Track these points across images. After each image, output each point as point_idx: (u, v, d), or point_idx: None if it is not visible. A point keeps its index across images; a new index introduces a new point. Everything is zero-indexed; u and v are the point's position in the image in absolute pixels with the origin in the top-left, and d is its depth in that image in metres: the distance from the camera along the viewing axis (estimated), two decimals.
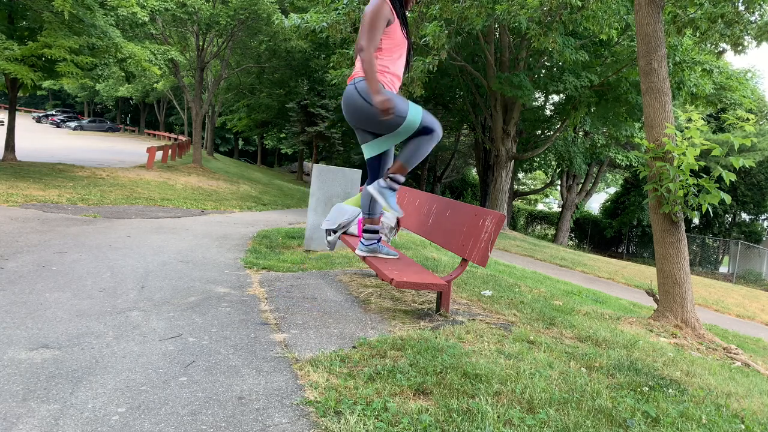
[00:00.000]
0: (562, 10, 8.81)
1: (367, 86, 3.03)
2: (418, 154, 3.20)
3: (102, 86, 44.14)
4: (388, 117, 2.98)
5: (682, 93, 15.75)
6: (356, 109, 3.12)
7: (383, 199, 3.22)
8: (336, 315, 3.30)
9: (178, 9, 17.28)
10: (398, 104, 3.09)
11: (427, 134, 3.19)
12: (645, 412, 2.14)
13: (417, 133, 3.19)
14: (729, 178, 4.10)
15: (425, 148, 3.20)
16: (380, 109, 2.93)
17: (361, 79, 3.10)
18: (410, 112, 3.11)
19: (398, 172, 3.24)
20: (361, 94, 3.08)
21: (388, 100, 2.93)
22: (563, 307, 4.62)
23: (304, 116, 28.40)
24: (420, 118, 3.13)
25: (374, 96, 2.95)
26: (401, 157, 3.21)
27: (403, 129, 3.15)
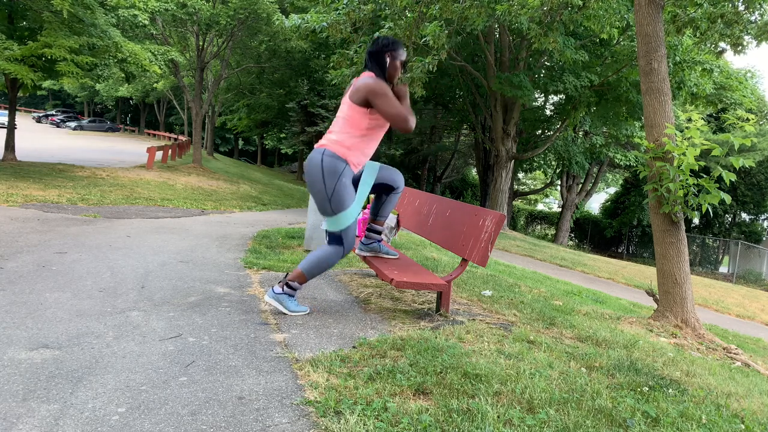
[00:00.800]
0: (562, 10, 8.81)
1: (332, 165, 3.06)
2: (320, 266, 3.17)
3: (102, 86, 44.15)
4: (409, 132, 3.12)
5: (683, 93, 15.74)
6: (312, 176, 3.11)
7: (281, 305, 3.21)
8: (336, 315, 3.30)
9: (179, 10, 17.28)
10: (341, 201, 3.09)
11: (335, 244, 3.17)
12: (645, 412, 2.14)
13: (332, 238, 3.17)
14: (729, 178, 4.10)
15: (329, 262, 3.18)
16: (410, 130, 3.08)
17: (332, 153, 3.08)
18: (342, 215, 3.11)
19: (297, 280, 3.20)
20: (323, 168, 3.07)
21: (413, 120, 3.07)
22: (563, 307, 4.62)
23: (304, 116, 28.40)
24: (344, 227, 3.13)
25: (411, 118, 3.08)
26: (302, 266, 3.18)
27: (327, 218, 3.16)
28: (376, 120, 3.13)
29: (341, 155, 3.10)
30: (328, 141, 3.16)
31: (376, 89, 3.02)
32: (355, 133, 3.13)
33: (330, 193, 3.08)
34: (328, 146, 3.13)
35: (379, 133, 3.23)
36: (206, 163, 24.78)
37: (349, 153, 3.12)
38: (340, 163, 3.08)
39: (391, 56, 3.18)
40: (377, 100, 3.02)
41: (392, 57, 3.19)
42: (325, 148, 3.13)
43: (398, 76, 3.25)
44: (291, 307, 3.22)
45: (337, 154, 3.09)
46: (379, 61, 3.17)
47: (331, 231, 3.18)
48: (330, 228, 3.18)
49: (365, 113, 3.10)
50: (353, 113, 3.11)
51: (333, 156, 3.08)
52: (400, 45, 3.24)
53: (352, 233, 3.18)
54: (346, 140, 3.12)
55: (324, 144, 3.16)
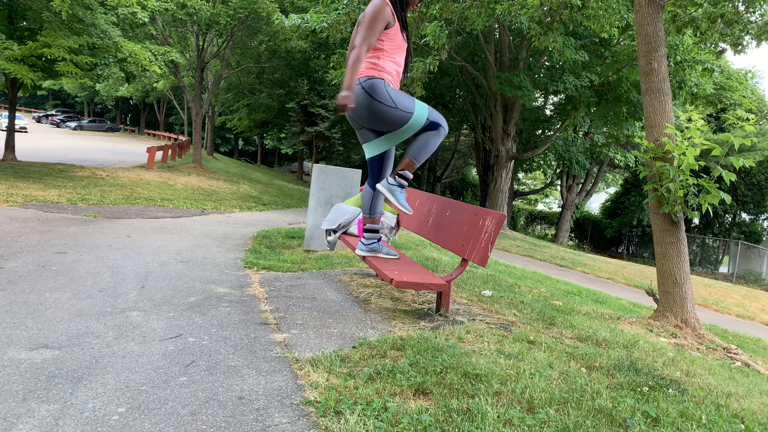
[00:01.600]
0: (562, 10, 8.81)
1: (374, 85, 3.07)
2: (426, 149, 3.23)
3: (102, 86, 44.14)
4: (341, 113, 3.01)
5: (683, 93, 15.74)
6: (365, 108, 3.13)
7: (393, 196, 3.24)
8: (336, 315, 3.30)
9: (178, 10, 17.28)
10: (404, 101, 3.13)
11: (433, 129, 3.22)
12: (645, 412, 2.13)
13: (423, 129, 3.21)
14: (729, 178, 4.10)
15: (433, 143, 3.23)
16: (337, 104, 2.95)
17: (367, 78, 3.13)
18: (416, 109, 3.15)
19: (406, 169, 3.26)
20: (368, 92, 3.10)
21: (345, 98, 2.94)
22: (563, 307, 4.62)
23: (304, 116, 28.40)
24: (426, 114, 3.18)
25: (343, 91, 2.95)
26: (409, 153, 3.23)
27: (409, 126, 3.18)
28: (389, 39, 3.17)
29: (375, 75, 3.15)
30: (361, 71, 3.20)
31: (365, 17, 3.07)
32: (376, 56, 3.17)
33: (393, 102, 3.11)
34: (360, 75, 3.17)
35: (400, 52, 3.26)
36: (206, 163, 24.78)
37: (382, 72, 3.16)
38: (377, 80, 3.13)
39: None
40: (361, 25, 3.08)
41: None
42: (358, 78, 3.16)
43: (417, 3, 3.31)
44: (402, 201, 3.25)
45: (371, 76, 3.14)
46: None
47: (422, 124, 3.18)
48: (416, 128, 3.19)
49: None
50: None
51: (368, 78, 3.13)
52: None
53: (435, 113, 3.22)
54: (372, 64, 3.17)
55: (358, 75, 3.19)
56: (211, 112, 32.61)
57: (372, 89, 3.10)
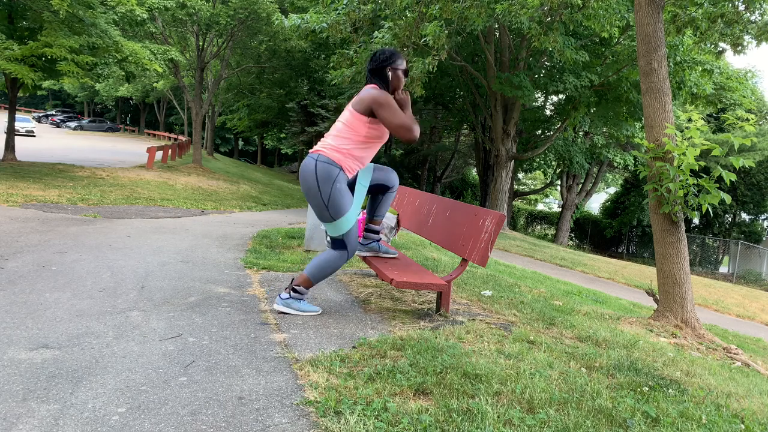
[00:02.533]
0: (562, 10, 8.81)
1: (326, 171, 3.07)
2: (325, 270, 3.19)
3: (102, 86, 44.15)
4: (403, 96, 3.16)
5: (683, 93, 15.74)
6: (306, 182, 3.12)
7: (292, 309, 3.23)
8: (336, 315, 3.30)
9: (178, 10, 17.27)
10: (339, 206, 3.09)
11: (339, 249, 3.19)
12: (645, 412, 2.13)
13: (335, 243, 3.19)
14: (729, 178, 4.10)
15: (333, 266, 3.20)
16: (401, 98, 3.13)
17: (326, 159, 3.09)
18: (341, 220, 3.12)
19: (303, 284, 3.23)
20: (317, 174, 3.07)
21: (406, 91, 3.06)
22: (563, 307, 4.62)
23: (304, 116, 28.40)
24: (343, 231, 3.14)
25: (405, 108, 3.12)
26: (308, 270, 3.20)
27: (326, 225, 3.17)
28: (375, 130, 3.14)
29: (335, 160, 3.10)
30: (323, 146, 3.17)
31: (380, 100, 3.03)
32: (354, 139, 3.13)
33: (327, 200, 3.08)
34: (322, 152, 3.13)
35: (377, 144, 3.24)
36: (206, 163, 24.78)
37: (344, 159, 3.12)
38: (333, 168, 3.08)
39: (392, 69, 3.20)
40: (381, 110, 3.03)
41: (393, 69, 3.21)
42: (319, 153, 3.13)
43: (402, 86, 3.29)
44: (302, 307, 3.24)
45: (331, 159, 3.10)
46: (381, 76, 3.20)
47: (333, 237, 3.18)
48: (331, 233, 3.19)
49: (366, 122, 3.10)
50: (354, 120, 3.12)
51: (327, 161, 3.09)
52: (398, 56, 3.24)
53: (354, 237, 3.19)
54: (342, 146, 3.13)
55: (318, 149, 3.16)
56: (211, 112, 32.61)
57: (321, 174, 3.07)
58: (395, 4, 10.84)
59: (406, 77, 3.31)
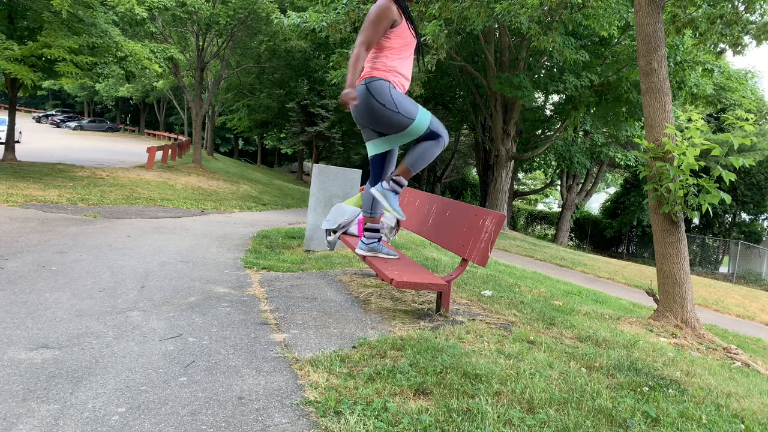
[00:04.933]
0: (562, 10, 8.81)
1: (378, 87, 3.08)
2: (423, 158, 3.23)
3: (102, 86, 44.13)
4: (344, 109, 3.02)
5: (683, 93, 15.73)
6: (367, 108, 3.14)
7: (386, 201, 3.25)
8: (336, 315, 3.30)
9: (178, 8, 17.27)
10: (407, 106, 3.13)
11: (433, 139, 3.22)
12: (645, 412, 2.13)
13: (424, 137, 3.21)
14: (729, 178, 4.10)
15: (431, 152, 3.23)
16: (341, 100, 2.96)
17: (372, 78, 3.13)
18: (418, 115, 3.15)
19: (402, 175, 3.27)
20: (372, 93, 3.11)
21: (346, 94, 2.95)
22: (563, 307, 4.61)
23: (304, 116, 28.39)
24: (428, 123, 3.18)
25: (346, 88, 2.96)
26: (406, 161, 3.24)
27: (409, 131, 3.18)
28: (395, 38, 3.17)
29: (380, 76, 3.15)
30: (365, 72, 3.22)
31: (369, 13, 3.08)
32: (381, 55, 3.17)
33: (395, 106, 3.10)
34: (366, 75, 3.18)
35: (407, 50, 3.25)
36: (206, 163, 24.78)
37: (387, 74, 3.16)
38: (382, 82, 3.13)
39: None
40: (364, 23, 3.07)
41: None
42: (363, 78, 3.18)
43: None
44: (395, 206, 3.26)
45: (376, 77, 3.14)
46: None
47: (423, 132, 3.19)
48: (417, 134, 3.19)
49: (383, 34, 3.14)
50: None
51: (373, 79, 3.13)
52: None
53: (437, 123, 3.22)
54: (378, 64, 3.17)
55: (362, 77, 3.21)
56: (211, 112, 32.61)
57: (376, 90, 3.10)
58: None
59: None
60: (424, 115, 3.17)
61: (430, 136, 3.21)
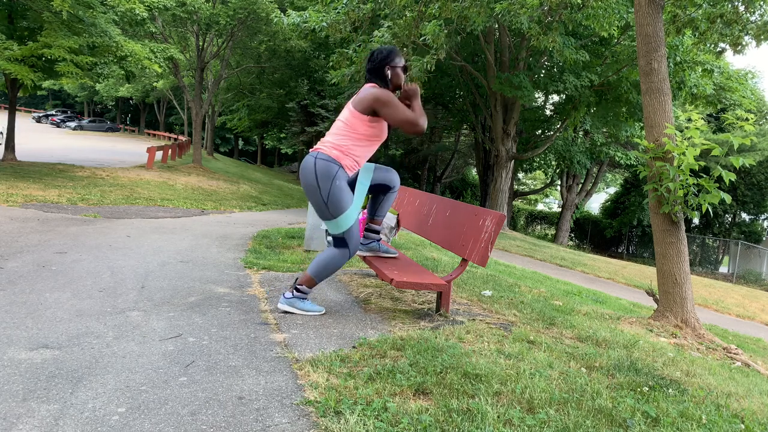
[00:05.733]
0: (562, 10, 8.81)
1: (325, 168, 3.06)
2: (328, 269, 3.19)
3: (102, 86, 44.14)
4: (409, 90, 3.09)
5: (683, 93, 15.74)
6: (306, 180, 3.12)
7: (295, 308, 3.23)
8: (336, 315, 3.30)
9: (178, 8, 17.26)
10: (339, 203, 3.08)
11: (339, 248, 3.18)
12: (645, 412, 2.13)
13: (336, 241, 3.18)
14: (729, 177, 4.10)
15: (335, 263, 3.19)
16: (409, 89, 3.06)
17: (325, 157, 3.09)
18: (342, 217, 3.11)
19: (306, 284, 3.24)
20: (317, 172, 3.07)
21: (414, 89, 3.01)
22: (563, 307, 4.62)
23: (304, 116, 28.40)
24: (345, 228, 3.13)
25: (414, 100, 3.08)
26: (311, 270, 3.20)
27: (327, 222, 3.16)
28: (375, 128, 3.14)
29: (334, 158, 3.10)
30: (322, 144, 3.18)
31: (382, 98, 3.03)
32: (353, 137, 3.13)
33: (326, 197, 3.08)
34: (322, 150, 3.14)
35: (376, 143, 3.24)
36: (206, 163, 24.78)
37: (343, 157, 3.12)
38: (333, 165, 3.08)
39: (390, 68, 3.19)
40: (385, 108, 3.03)
41: (392, 68, 3.20)
42: (318, 151, 3.14)
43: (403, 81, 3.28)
44: (305, 307, 3.24)
45: (330, 157, 3.10)
46: (380, 76, 3.19)
47: (334, 234, 3.18)
48: (332, 231, 3.18)
49: (365, 121, 3.10)
50: (354, 119, 3.12)
51: (326, 159, 3.09)
52: (396, 53, 3.23)
53: (355, 235, 3.18)
54: (341, 143, 3.13)
55: (318, 148, 3.17)
56: (211, 112, 32.61)
57: (321, 170, 3.07)
58: (395, 3, 10.84)
59: (405, 74, 3.31)
60: (346, 220, 3.11)
61: (340, 243, 3.17)
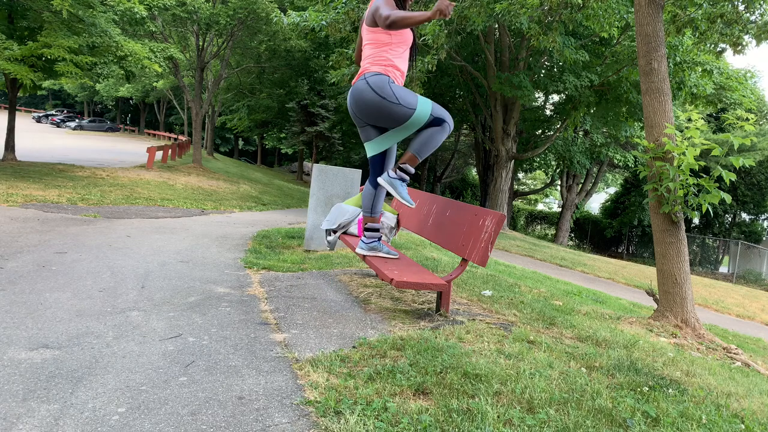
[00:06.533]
0: (562, 10, 8.81)
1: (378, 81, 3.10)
2: (430, 144, 3.23)
3: (102, 86, 44.13)
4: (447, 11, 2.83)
5: (683, 93, 15.73)
6: (368, 103, 3.16)
7: (394, 190, 3.25)
8: (336, 315, 3.30)
9: (178, 8, 17.26)
10: (407, 97, 3.15)
11: (438, 125, 3.23)
12: (645, 412, 2.13)
13: (427, 124, 3.22)
14: (729, 177, 4.10)
15: (437, 138, 3.24)
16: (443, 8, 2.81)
17: (372, 73, 3.16)
18: (419, 105, 3.17)
19: (408, 163, 3.27)
20: (373, 88, 3.13)
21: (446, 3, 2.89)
22: (563, 307, 4.61)
23: (304, 116, 28.39)
24: (429, 110, 3.19)
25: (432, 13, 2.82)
26: (412, 147, 3.24)
27: (411, 122, 3.19)
28: (397, 35, 3.21)
29: (381, 71, 3.18)
30: (363, 68, 3.25)
31: (378, 3, 3.09)
32: (383, 50, 3.21)
33: (396, 99, 3.12)
34: (365, 70, 3.22)
35: (404, 47, 3.29)
36: (206, 163, 24.78)
37: (387, 69, 3.20)
38: (382, 76, 3.16)
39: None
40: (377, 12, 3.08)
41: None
42: (363, 74, 3.21)
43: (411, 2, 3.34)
44: (404, 194, 3.25)
45: (376, 72, 3.18)
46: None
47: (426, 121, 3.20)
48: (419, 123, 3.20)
49: (383, 31, 3.18)
50: (373, 34, 3.22)
51: (374, 74, 3.17)
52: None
53: (440, 109, 3.23)
54: (378, 59, 3.21)
55: (361, 72, 3.24)
56: (211, 112, 32.61)
57: (376, 85, 3.13)
58: None
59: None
60: (424, 104, 3.18)
61: (434, 123, 3.22)
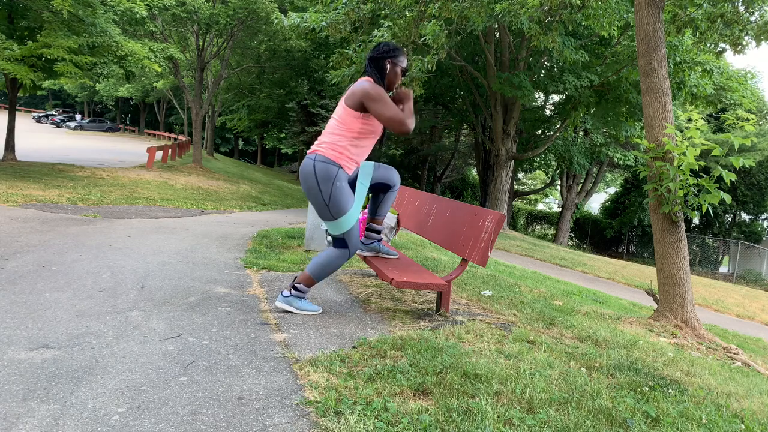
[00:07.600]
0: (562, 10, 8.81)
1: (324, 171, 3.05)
2: (326, 269, 3.19)
3: (102, 86, 44.14)
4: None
5: (683, 93, 15.74)
6: (308, 183, 3.11)
7: (293, 307, 3.23)
8: (336, 315, 3.30)
9: (178, 8, 17.25)
10: (339, 204, 3.08)
11: (340, 248, 3.18)
12: (645, 412, 2.13)
13: (336, 242, 3.18)
14: (729, 178, 4.10)
15: (334, 264, 3.19)
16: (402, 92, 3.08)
17: (323, 158, 3.07)
18: (344, 218, 3.11)
19: (304, 283, 3.23)
20: (317, 175, 3.06)
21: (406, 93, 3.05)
22: (563, 307, 4.62)
23: (304, 116, 28.40)
24: (345, 229, 3.13)
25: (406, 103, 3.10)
26: (309, 269, 3.20)
27: (329, 223, 3.15)
28: (368, 125, 3.11)
29: (333, 158, 3.08)
30: (319, 146, 3.15)
31: (372, 93, 3.00)
32: (348, 135, 3.10)
33: (328, 199, 3.07)
34: (319, 151, 3.12)
35: (371, 139, 3.21)
36: (206, 163, 24.78)
37: (341, 157, 3.10)
38: (332, 167, 3.07)
39: (391, 63, 3.17)
40: (372, 104, 3.00)
41: (393, 64, 3.17)
42: (316, 153, 3.12)
43: (398, 84, 3.24)
44: (303, 306, 3.24)
45: (328, 158, 3.08)
46: (378, 66, 3.16)
47: (335, 235, 3.18)
48: (333, 232, 3.18)
49: (358, 117, 3.07)
50: (346, 116, 3.09)
51: (325, 161, 3.07)
52: (401, 52, 3.22)
53: (355, 236, 3.18)
54: (337, 143, 3.11)
55: (315, 149, 3.15)
56: (211, 112, 32.61)
57: (321, 175, 3.06)
58: (395, 3, 10.84)
59: (403, 76, 3.29)
60: (347, 221, 3.11)
61: (339, 244, 3.17)
